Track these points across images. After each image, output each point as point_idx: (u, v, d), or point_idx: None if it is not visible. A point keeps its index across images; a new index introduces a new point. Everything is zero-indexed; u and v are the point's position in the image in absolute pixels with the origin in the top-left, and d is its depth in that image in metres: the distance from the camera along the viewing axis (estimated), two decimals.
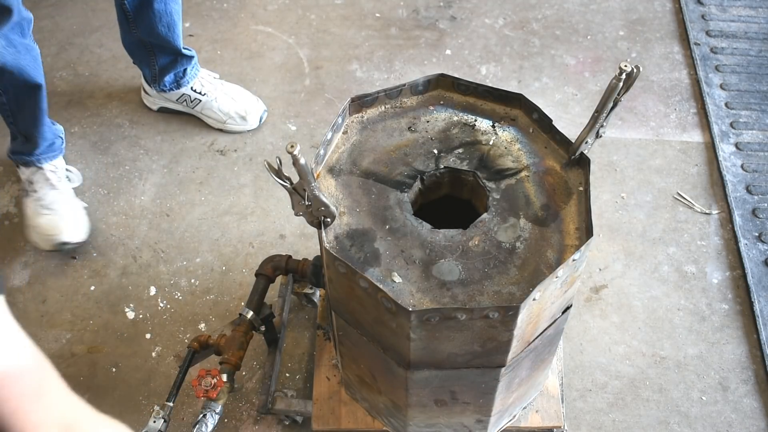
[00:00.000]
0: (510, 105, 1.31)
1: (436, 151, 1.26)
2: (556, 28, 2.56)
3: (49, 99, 2.35)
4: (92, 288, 1.95)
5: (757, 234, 2.03)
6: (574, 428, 1.73)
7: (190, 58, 2.16)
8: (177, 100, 2.24)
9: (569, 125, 2.27)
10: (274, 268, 1.65)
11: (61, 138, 2.07)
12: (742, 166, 2.18)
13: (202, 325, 1.89)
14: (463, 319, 1.05)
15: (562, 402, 1.61)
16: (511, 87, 2.38)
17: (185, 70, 2.17)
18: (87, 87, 2.40)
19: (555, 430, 1.59)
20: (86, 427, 0.90)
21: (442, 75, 1.31)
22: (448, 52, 2.49)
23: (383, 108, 1.32)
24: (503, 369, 1.21)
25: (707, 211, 2.10)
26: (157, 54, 2.10)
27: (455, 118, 1.30)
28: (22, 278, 1.97)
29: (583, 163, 1.21)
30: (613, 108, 1.13)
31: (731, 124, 2.29)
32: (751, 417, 1.75)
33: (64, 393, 0.89)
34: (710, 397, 1.78)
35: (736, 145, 2.24)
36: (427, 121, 1.30)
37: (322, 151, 1.22)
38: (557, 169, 1.23)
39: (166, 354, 1.84)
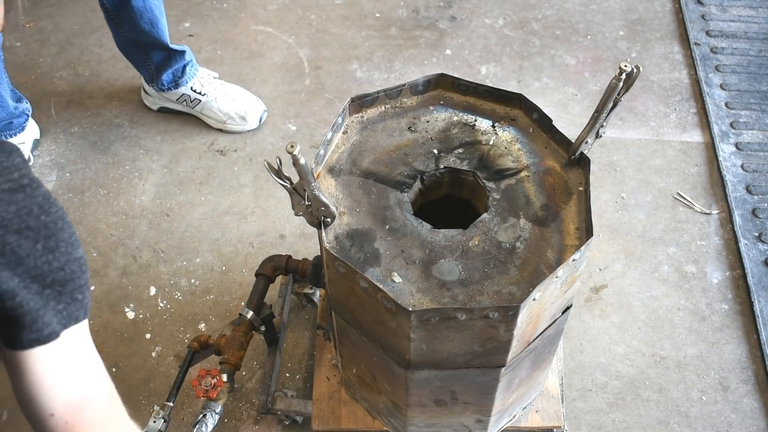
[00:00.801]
0: (510, 105, 1.31)
1: (436, 151, 1.26)
2: (556, 28, 2.56)
3: (49, 99, 2.36)
4: (92, 288, 1.95)
5: (757, 234, 2.03)
6: (574, 428, 1.73)
7: (183, 53, 2.15)
8: (177, 100, 2.24)
9: (569, 125, 2.27)
10: (274, 268, 1.65)
11: (27, 115, 2.07)
12: (742, 166, 2.18)
13: (202, 325, 1.89)
14: (463, 319, 1.05)
15: (562, 402, 1.61)
16: (511, 87, 2.38)
17: (184, 68, 2.17)
18: (87, 87, 2.40)
19: (555, 430, 1.59)
20: None
21: (442, 75, 1.31)
22: (448, 52, 2.49)
23: (383, 108, 1.32)
24: (503, 369, 1.21)
25: (707, 211, 2.10)
26: (149, 52, 2.09)
27: (455, 118, 1.30)
28: None
29: (583, 163, 1.21)
30: (613, 108, 1.13)
31: (731, 124, 2.29)
32: (751, 417, 1.75)
33: (128, 420, 0.89)
34: (710, 397, 1.78)
35: (736, 145, 2.24)
36: (427, 121, 1.30)
37: (322, 151, 1.22)
38: (557, 169, 1.23)
39: (166, 354, 1.84)
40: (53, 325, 0.73)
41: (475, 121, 1.29)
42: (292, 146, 0.97)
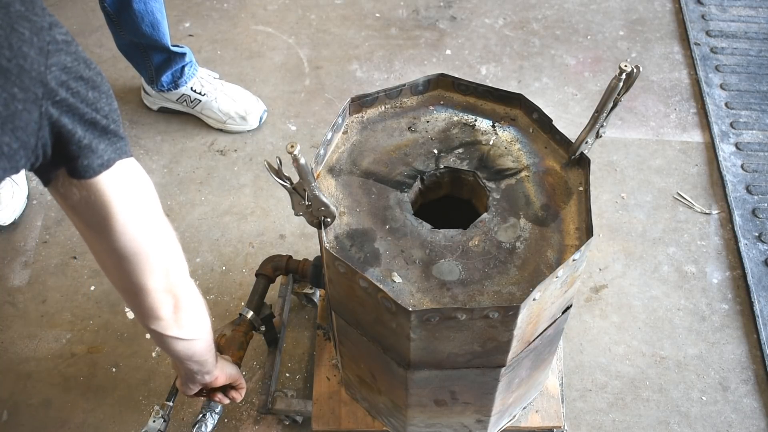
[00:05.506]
0: (510, 105, 1.31)
1: (436, 151, 1.26)
2: (556, 28, 2.56)
3: None
4: (92, 288, 1.95)
5: (757, 234, 2.03)
6: (574, 428, 1.73)
7: (183, 55, 2.15)
8: (177, 100, 2.24)
9: (569, 125, 2.27)
10: (274, 268, 1.65)
11: None
12: (742, 166, 2.18)
13: None
14: (463, 319, 1.05)
15: (562, 402, 1.61)
16: (511, 87, 2.38)
17: (182, 69, 2.17)
18: None
19: (555, 430, 1.59)
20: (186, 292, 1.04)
21: (442, 75, 1.31)
22: (448, 52, 2.49)
23: (383, 108, 1.32)
24: (503, 369, 1.21)
25: (707, 211, 2.10)
26: (150, 54, 2.09)
27: (455, 118, 1.30)
28: (22, 278, 1.97)
29: (583, 163, 1.21)
30: (613, 108, 1.13)
31: (731, 124, 2.29)
32: (751, 417, 1.75)
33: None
34: (710, 397, 1.78)
35: (736, 145, 2.24)
36: (427, 121, 1.30)
37: (322, 151, 1.22)
38: (557, 169, 1.23)
39: (166, 354, 1.84)
40: (109, 153, 0.84)
41: (475, 121, 1.29)
42: (292, 146, 0.97)
